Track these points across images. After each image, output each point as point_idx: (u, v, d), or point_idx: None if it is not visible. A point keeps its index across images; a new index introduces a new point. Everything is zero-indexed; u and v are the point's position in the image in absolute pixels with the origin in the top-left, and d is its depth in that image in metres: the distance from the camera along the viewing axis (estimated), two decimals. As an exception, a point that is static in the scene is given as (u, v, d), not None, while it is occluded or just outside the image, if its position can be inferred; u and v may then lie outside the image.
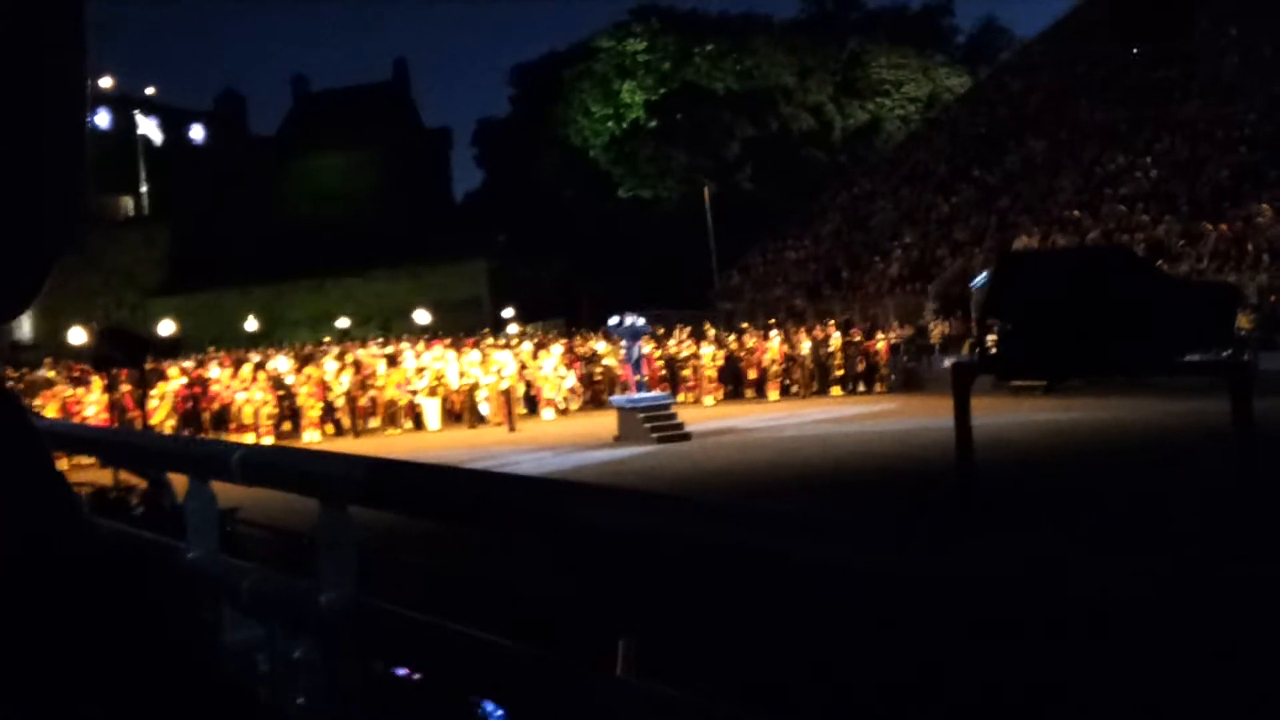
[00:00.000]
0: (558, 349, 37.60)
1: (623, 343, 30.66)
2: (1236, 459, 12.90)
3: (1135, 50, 53.88)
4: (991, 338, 16.24)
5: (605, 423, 29.76)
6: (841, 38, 73.75)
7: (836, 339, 37.55)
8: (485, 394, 34.31)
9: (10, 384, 1.04)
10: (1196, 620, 1.66)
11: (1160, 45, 52.84)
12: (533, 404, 35.46)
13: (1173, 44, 52.29)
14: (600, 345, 38.38)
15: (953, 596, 1.99)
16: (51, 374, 35.45)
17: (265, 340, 51.39)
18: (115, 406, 27.10)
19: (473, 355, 35.67)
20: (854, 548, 2.10)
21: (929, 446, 21.06)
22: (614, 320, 30.16)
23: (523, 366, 35.36)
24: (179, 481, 4.62)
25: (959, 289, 40.85)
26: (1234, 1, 52.55)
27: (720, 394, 37.28)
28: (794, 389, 37.10)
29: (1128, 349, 13.45)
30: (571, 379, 36.98)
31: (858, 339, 37.81)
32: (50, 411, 30.61)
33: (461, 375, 34.59)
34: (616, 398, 30.26)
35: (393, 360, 35.94)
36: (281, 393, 33.88)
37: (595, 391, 37.48)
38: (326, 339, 47.32)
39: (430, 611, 3.36)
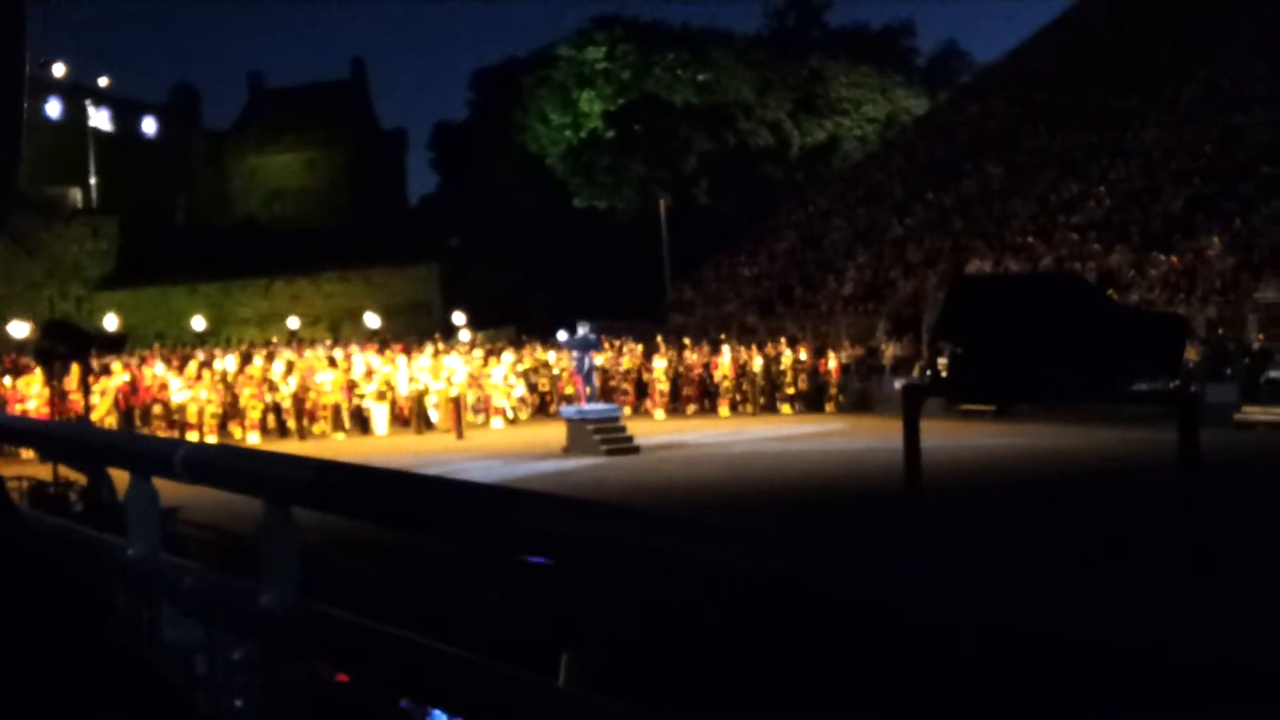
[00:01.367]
0: (508, 357, 37.46)
1: (573, 354, 30.59)
2: (1180, 489, 13.00)
3: (1089, 75, 54.40)
4: (942, 361, 16.31)
5: (555, 433, 29.67)
6: (802, 55, 74.08)
7: (788, 356, 37.64)
8: (434, 400, 34.15)
9: None
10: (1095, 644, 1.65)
11: (1119, 73, 53.38)
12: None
13: (1131, 72, 52.83)
14: (551, 355, 38.29)
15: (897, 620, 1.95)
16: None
17: (213, 339, 50.96)
18: (56, 400, 26.78)
19: (422, 361, 35.51)
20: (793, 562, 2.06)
21: (878, 467, 21.10)
22: (563, 334, 30.09)
23: (473, 375, 35.20)
24: (119, 478, 4.52)
25: (911, 311, 41.11)
26: (1194, 31, 53.20)
27: (663, 407, 37.25)
28: (743, 406, 37.12)
29: (1076, 376, 13.52)
30: (521, 388, 36.86)
31: (803, 356, 37.93)
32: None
33: (410, 381, 34.42)
34: (566, 409, 30.17)
35: (333, 363, 35.69)
36: (223, 389, 33.58)
37: (539, 400, 37.42)
38: (274, 339, 46.96)
39: (371, 616, 3.29)
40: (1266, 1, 51.10)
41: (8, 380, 32.71)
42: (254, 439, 32.17)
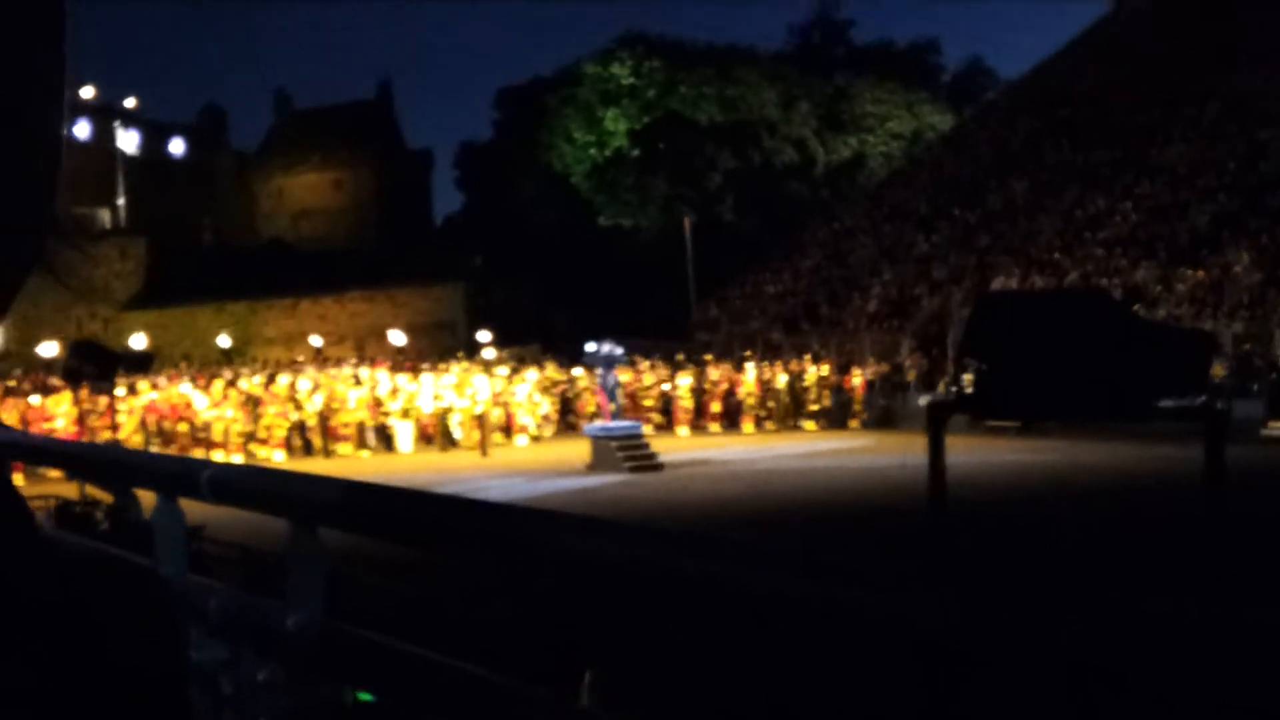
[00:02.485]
0: (533, 375, 37.53)
1: (598, 370, 30.63)
2: (1207, 505, 12.93)
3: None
4: (968, 377, 16.26)
5: (579, 450, 29.68)
6: (827, 72, 74.02)
7: (812, 373, 37.60)
8: (458, 418, 34.22)
9: None
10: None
11: (1141, 90, 53.23)
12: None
13: (1154, 89, 52.68)
14: (578, 371, 38.44)
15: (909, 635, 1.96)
16: (13, 383, 35.28)
17: (239, 358, 51.18)
18: (83, 419, 26.94)
19: (447, 379, 35.60)
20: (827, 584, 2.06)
21: (902, 484, 21.04)
22: (591, 345, 30.19)
23: (497, 393, 35.28)
24: (146, 497, 4.56)
25: (937, 327, 41.01)
26: (1215, 47, 53.02)
27: (688, 424, 37.23)
28: (768, 422, 37.08)
29: (1102, 393, 13.47)
30: (546, 405, 36.94)
31: (826, 372, 37.91)
32: (10, 420, 30.49)
33: (435, 398, 34.50)
34: (590, 426, 30.18)
35: (358, 381, 35.82)
36: (249, 408, 33.74)
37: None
38: (299, 358, 47.13)
39: (395, 634, 3.31)
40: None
41: (36, 399, 32.93)
42: (279, 457, 32.28)
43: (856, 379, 37.67)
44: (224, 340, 53.71)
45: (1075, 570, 13.22)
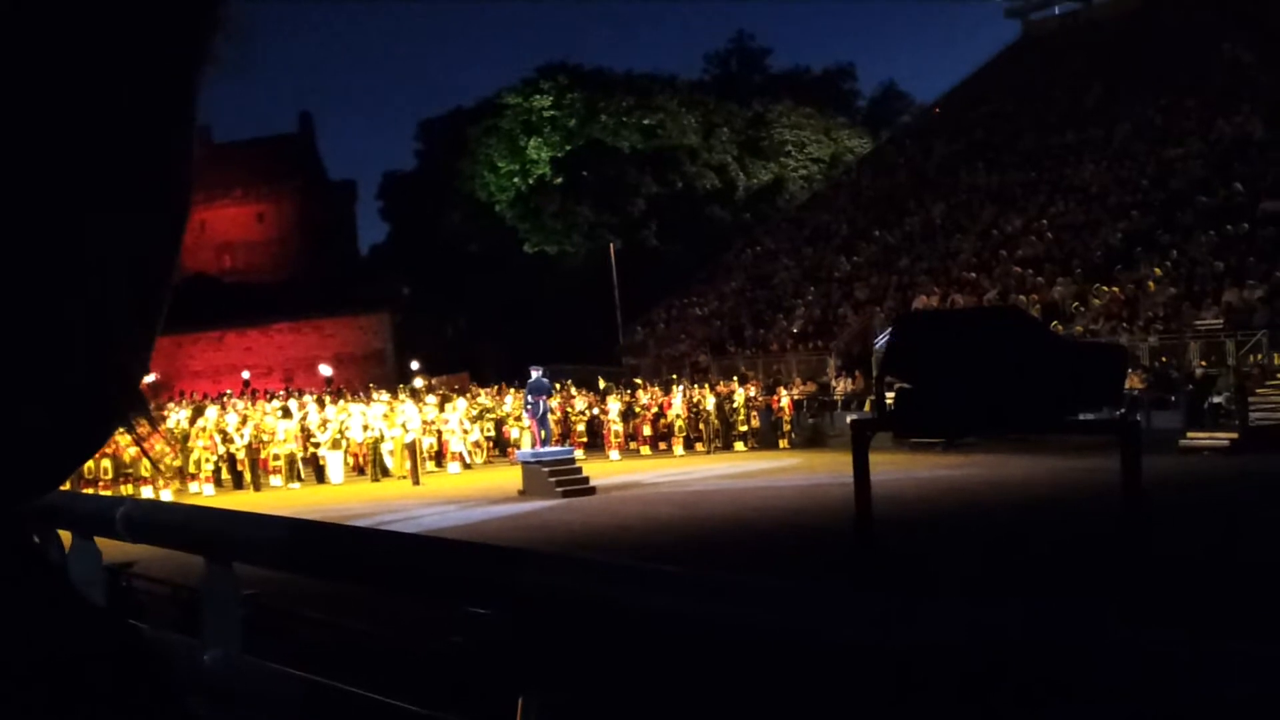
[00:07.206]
0: (463, 403, 37.45)
1: (527, 397, 30.63)
2: (1124, 515, 13.21)
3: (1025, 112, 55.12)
4: (891, 395, 16.48)
5: (511, 477, 29.66)
6: (745, 99, 74.62)
7: (740, 394, 37.82)
8: (390, 447, 34.05)
9: None
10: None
11: (1051, 113, 54.22)
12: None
13: (1063, 111, 53.69)
14: (509, 401, 38.44)
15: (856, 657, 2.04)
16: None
17: (165, 391, 50.62)
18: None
19: (376, 408, 35.44)
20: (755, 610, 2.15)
21: (831, 502, 21.24)
22: (535, 371, 30.22)
23: (428, 421, 35.15)
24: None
25: (860, 347, 41.42)
26: (1123, 70, 54.10)
27: (618, 448, 37.29)
28: (698, 444, 37.22)
29: (1021, 408, 13.71)
30: (477, 432, 36.87)
31: (753, 393, 38.17)
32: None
33: (365, 428, 34.31)
34: (521, 452, 30.18)
35: (287, 413, 35.55)
36: (176, 442, 33.33)
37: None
38: (228, 392, 46.74)
39: (326, 667, 3.36)
40: (1194, 39, 52.14)
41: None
42: (209, 491, 31.96)
43: (784, 399, 37.91)
44: (150, 375, 53.14)
45: (999, 582, 13.43)
